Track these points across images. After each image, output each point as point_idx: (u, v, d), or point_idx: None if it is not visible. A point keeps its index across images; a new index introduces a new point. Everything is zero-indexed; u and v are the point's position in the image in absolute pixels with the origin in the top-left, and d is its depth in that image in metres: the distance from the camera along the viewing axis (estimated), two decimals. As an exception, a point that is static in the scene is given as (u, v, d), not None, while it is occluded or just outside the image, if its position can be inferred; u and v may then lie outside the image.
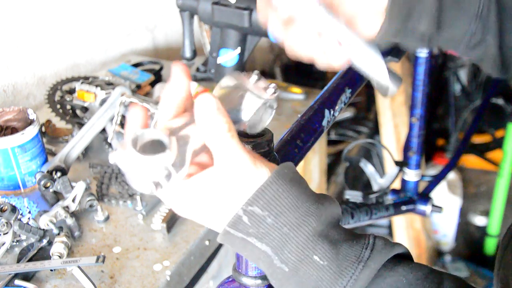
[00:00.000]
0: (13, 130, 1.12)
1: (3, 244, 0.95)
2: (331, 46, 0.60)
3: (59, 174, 1.07)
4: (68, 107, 1.30)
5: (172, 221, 1.03)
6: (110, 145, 1.23)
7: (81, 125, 1.24)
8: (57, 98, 1.33)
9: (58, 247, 0.94)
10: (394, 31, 0.62)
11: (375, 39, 0.63)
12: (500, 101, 2.41)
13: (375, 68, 0.64)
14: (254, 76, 0.58)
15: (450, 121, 2.65)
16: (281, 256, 0.51)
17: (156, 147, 0.50)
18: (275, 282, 0.54)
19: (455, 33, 0.64)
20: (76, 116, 1.28)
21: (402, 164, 1.32)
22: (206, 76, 1.57)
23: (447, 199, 2.33)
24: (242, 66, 1.29)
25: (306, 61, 0.63)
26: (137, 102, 1.15)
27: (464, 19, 0.62)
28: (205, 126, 0.52)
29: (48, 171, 1.07)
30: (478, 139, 2.73)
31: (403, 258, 0.55)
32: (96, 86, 1.24)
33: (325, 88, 0.83)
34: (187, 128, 0.54)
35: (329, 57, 0.61)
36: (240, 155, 0.52)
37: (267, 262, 0.52)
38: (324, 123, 0.86)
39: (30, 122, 1.11)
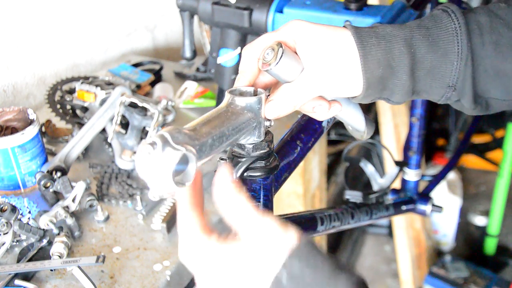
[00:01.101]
0: (13, 130, 1.12)
1: (3, 244, 0.95)
2: (319, 108, 0.66)
3: (59, 174, 1.07)
4: (68, 107, 1.30)
5: (172, 221, 1.03)
6: (110, 145, 1.24)
7: (81, 125, 1.24)
8: (57, 98, 1.33)
9: (58, 247, 0.94)
10: (371, 99, 0.66)
11: (357, 100, 0.67)
12: (500, 101, 2.41)
13: (354, 119, 0.74)
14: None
15: (450, 121, 2.65)
16: None
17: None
18: None
19: (430, 97, 0.66)
20: (76, 116, 1.28)
21: (402, 164, 1.32)
22: (206, 76, 1.58)
23: (447, 199, 2.33)
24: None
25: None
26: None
27: (439, 87, 0.64)
28: (222, 197, 0.53)
29: (48, 171, 1.07)
30: (478, 139, 2.73)
31: None
32: (96, 86, 1.24)
33: (325, 88, 0.82)
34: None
35: (317, 115, 0.67)
36: (264, 220, 0.52)
37: None
38: (324, 123, 0.86)
39: (30, 122, 1.11)
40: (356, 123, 0.74)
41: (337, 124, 2.31)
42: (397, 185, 1.37)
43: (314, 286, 0.50)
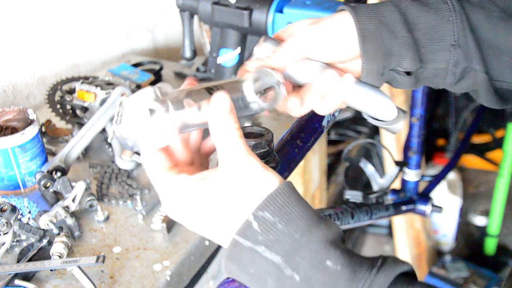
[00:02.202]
0: (13, 130, 1.12)
1: (3, 244, 0.95)
2: (332, 85, 0.62)
3: (59, 174, 1.07)
4: (68, 107, 1.30)
5: (172, 221, 1.03)
6: (110, 145, 1.24)
7: (81, 125, 1.24)
8: (57, 98, 1.33)
9: (58, 247, 0.94)
10: (377, 72, 0.64)
11: (362, 80, 0.65)
12: (500, 101, 2.41)
13: (376, 104, 0.66)
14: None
15: (450, 121, 2.65)
16: (292, 263, 0.49)
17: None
18: None
19: (438, 64, 0.64)
20: (76, 116, 1.28)
21: (402, 164, 1.32)
22: (206, 76, 1.57)
23: (447, 199, 2.33)
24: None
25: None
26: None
27: (443, 50, 0.63)
28: (215, 124, 0.53)
29: (48, 171, 1.07)
30: (478, 139, 2.73)
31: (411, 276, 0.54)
32: (96, 86, 1.24)
33: (325, 88, 0.82)
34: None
35: (331, 99, 0.64)
36: (249, 158, 0.52)
37: (275, 274, 0.50)
38: (324, 123, 0.86)
39: (30, 122, 1.11)
40: (380, 109, 0.66)
41: (337, 124, 2.31)
42: (397, 185, 1.38)
43: (285, 238, 0.50)
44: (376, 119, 0.69)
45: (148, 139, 0.51)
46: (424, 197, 1.35)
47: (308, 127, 0.81)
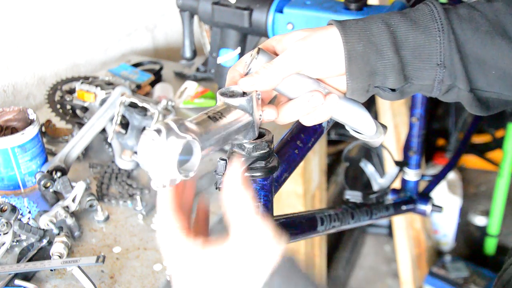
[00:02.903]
0: (13, 130, 1.12)
1: (3, 244, 0.95)
2: (316, 105, 0.64)
3: (59, 174, 1.07)
4: (68, 107, 1.30)
5: (172, 221, 1.03)
6: (110, 145, 1.24)
7: (81, 125, 1.24)
8: (57, 98, 1.33)
9: (58, 247, 0.94)
10: (362, 89, 0.65)
11: (347, 96, 0.66)
12: (500, 101, 2.41)
13: (358, 119, 0.69)
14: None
15: (450, 121, 2.65)
16: None
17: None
18: None
19: (424, 81, 0.65)
20: (76, 116, 1.28)
21: (402, 164, 1.32)
22: (206, 76, 1.57)
23: (447, 199, 2.33)
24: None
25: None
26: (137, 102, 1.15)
27: (429, 68, 0.64)
28: (232, 204, 0.53)
29: (48, 171, 1.07)
30: (478, 139, 2.73)
31: None
32: (96, 86, 1.24)
33: (325, 88, 0.83)
34: None
35: (315, 116, 0.65)
36: (261, 226, 0.52)
37: None
38: (324, 124, 0.86)
39: (30, 122, 1.11)
40: (361, 124, 0.70)
41: (337, 124, 2.31)
42: (397, 185, 1.37)
43: None
44: (358, 132, 0.71)
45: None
46: (424, 197, 1.35)
47: (308, 128, 0.81)
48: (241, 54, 1.21)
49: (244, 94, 0.62)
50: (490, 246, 2.37)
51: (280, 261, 0.51)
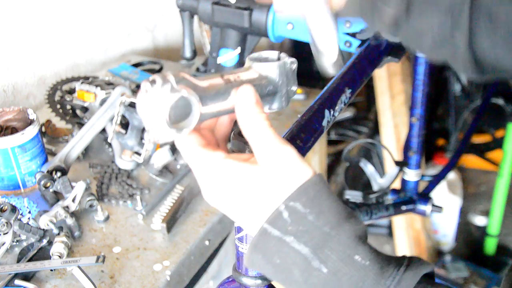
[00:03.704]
0: (13, 130, 1.12)
1: (3, 244, 0.95)
2: None
3: (59, 174, 1.07)
4: (68, 107, 1.30)
5: (172, 221, 1.03)
6: (110, 145, 1.24)
7: (81, 125, 1.24)
8: (57, 98, 1.33)
9: (58, 247, 0.94)
10: (361, 7, 0.63)
11: (341, 11, 0.64)
12: (500, 101, 2.41)
13: (324, 33, 0.65)
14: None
15: (450, 121, 2.65)
16: (320, 255, 0.49)
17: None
18: None
19: (423, 23, 0.63)
20: (76, 116, 1.28)
21: (402, 164, 1.32)
22: (206, 76, 1.57)
23: (447, 199, 2.33)
24: (242, 66, 1.28)
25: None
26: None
27: (435, 10, 0.62)
28: (244, 117, 0.53)
29: (48, 171, 1.07)
30: (478, 139, 2.72)
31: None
32: (96, 86, 1.24)
33: (325, 88, 0.83)
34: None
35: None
36: (284, 147, 0.52)
37: (303, 266, 0.49)
38: (324, 123, 0.86)
39: (30, 122, 1.11)
40: (327, 44, 0.65)
41: (337, 124, 2.31)
42: (397, 185, 1.37)
43: (314, 230, 0.49)
44: (319, 52, 0.68)
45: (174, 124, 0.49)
46: (424, 197, 1.35)
47: (308, 127, 0.81)
48: (241, 54, 1.21)
49: (278, 59, 0.59)
50: (490, 246, 2.36)
51: (307, 184, 0.50)
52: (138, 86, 1.46)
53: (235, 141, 0.59)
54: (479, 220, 2.60)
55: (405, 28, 0.64)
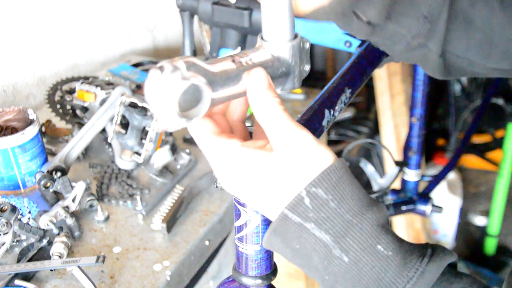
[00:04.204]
0: (13, 130, 1.12)
1: (3, 244, 0.95)
2: None
3: (59, 174, 1.07)
4: (68, 107, 1.30)
5: (172, 221, 1.03)
6: (110, 145, 1.24)
7: (81, 125, 1.24)
8: (57, 98, 1.33)
9: (58, 247, 0.94)
10: (340, 11, 0.62)
11: (317, 12, 0.63)
12: (500, 101, 2.41)
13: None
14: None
15: (450, 121, 2.65)
16: (342, 244, 0.48)
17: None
18: (329, 277, 0.49)
19: (400, 28, 0.63)
20: (76, 116, 1.28)
21: (402, 164, 1.32)
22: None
23: (447, 199, 2.33)
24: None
25: None
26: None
27: (413, 16, 0.62)
28: (256, 101, 0.51)
29: (48, 171, 1.07)
30: (478, 139, 2.73)
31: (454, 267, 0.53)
32: (96, 86, 1.23)
33: (325, 88, 0.83)
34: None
35: None
36: (301, 132, 0.50)
37: (323, 253, 0.48)
38: (324, 123, 0.86)
39: (30, 122, 1.11)
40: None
41: (337, 124, 2.31)
42: (397, 185, 1.37)
43: (336, 217, 0.48)
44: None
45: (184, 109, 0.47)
46: (424, 197, 1.35)
47: (308, 127, 0.81)
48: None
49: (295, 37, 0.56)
50: (490, 246, 2.37)
51: (329, 169, 0.49)
52: (138, 86, 1.46)
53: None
54: (479, 220, 2.60)
55: (380, 31, 0.64)
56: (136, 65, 1.62)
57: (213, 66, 0.50)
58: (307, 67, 0.59)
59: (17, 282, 0.89)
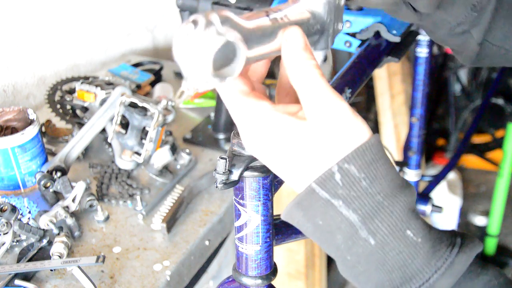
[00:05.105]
0: (13, 130, 1.12)
1: (3, 244, 0.95)
2: None
3: (59, 174, 1.07)
4: (68, 107, 1.30)
5: (172, 221, 1.03)
6: (110, 145, 1.24)
7: (81, 125, 1.24)
8: (57, 98, 1.33)
9: (58, 247, 0.94)
10: (392, 0, 0.62)
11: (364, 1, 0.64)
12: (500, 101, 2.41)
13: None
14: None
15: (450, 121, 2.65)
16: (369, 225, 0.45)
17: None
18: (351, 258, 0.47)
19: (447, 15, 0.63)
20: (76, 116, 1.28)
21: (402, 164, 1.32)
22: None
23: (447, 199, 2.33)
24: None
25: None
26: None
27: (462, 5, 0.62)
28: (292, 64, 0.48)
29: (48, 171, 1.07)
30: (478, 139, 2.73)
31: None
32: (96, 86, 1.24)
33: (325, 88, 0.83)
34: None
35: None
36: (338, 102, 0.47)
37: (348, 233, 0.46)
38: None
39: (30, 122, 1.11)
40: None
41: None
42: (397, 185, 1.37)
43: (367, 197, 0.46)
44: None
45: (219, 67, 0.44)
46: (424, 197, 1.35)
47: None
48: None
49: None
50: (490, 246, 2.36)
51: (364, 146, 0.46)
52: (138, 86, 1.46)
53: (236, 142, 0.57)
54: (479, 220, 2.60)
55: (427, 18, 0.65)
56: (136, 65, 1.62)
57: (248, 21, 0.46)
58: (340, 26, 0.56)
59: (17, 282, 0.89)
